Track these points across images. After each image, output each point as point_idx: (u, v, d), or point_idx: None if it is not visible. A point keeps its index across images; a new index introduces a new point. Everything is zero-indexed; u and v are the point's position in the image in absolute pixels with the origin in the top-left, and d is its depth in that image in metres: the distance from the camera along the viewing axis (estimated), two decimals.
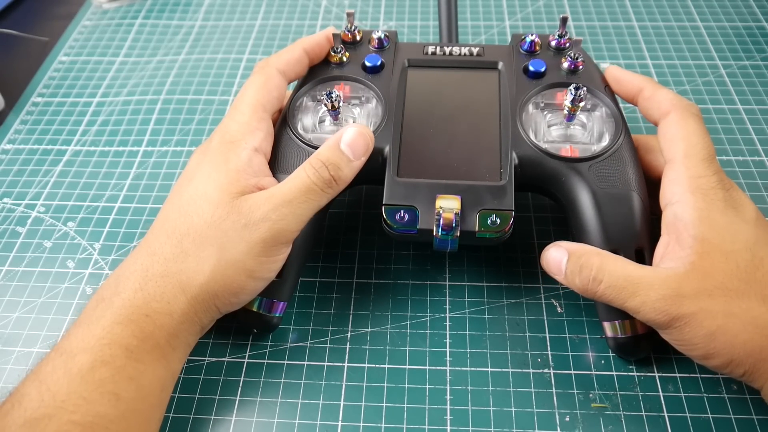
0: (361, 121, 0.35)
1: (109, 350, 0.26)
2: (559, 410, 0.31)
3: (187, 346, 0.29)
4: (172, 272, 0.28)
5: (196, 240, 0.29)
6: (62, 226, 0.40)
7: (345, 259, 0.38)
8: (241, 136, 0.32)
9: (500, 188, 0.31)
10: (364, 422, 0.31)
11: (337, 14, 0.56)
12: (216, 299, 0.29)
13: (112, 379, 0.26)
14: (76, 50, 0.54)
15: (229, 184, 0.30)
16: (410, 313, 0.35)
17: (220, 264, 0.29)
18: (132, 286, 0.28)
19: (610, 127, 0.34)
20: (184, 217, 0.30)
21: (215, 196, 0.30)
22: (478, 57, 0.37)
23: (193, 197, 0.30)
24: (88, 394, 0.25)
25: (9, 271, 0.38)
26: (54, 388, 0.25)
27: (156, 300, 0.28)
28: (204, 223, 0.29)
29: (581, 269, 0.29)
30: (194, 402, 0.32)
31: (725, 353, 0.27)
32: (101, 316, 0.27)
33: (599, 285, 0.28)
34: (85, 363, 0.25)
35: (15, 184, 0.43)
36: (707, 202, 0.29)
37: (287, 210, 0.29)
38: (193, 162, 0.32)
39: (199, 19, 0.56)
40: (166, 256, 0.29)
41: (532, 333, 0.34)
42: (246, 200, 0.30)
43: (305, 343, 0.34)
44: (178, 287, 0.28)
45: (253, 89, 0.33)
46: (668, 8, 0.55)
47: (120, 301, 0.28)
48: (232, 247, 0.29)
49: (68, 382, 0.25)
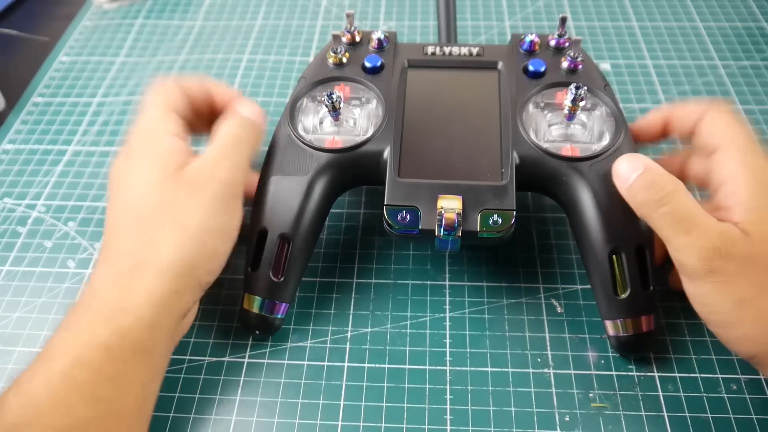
0: (361, 121, 0.35)
1: (87, 351, 0.26)
2: (559, 410, 0.31)
3: (169, 336, 0.29)
4: (142, 260, 0.28)
5: (154, 222, 0.29)
6: (63, 226, 0.40)
7: (345, 259, 0.38)
8: (155, 127, 0.32)
9: (501, 188, 0.31)
10: (364, 422, 0.31)
11: (337, 14, 0.56)
12: (194, 270, 0.29)
13: (91, 380, 0.25)
14: (76, 50, 0.54)
15: (163, 165, 0.30)
16: (410, 312, 0.35)
17: (187, 234, 0.29)
18: (107, 284, 0.28)
19: (610, 127, 0.34)
20: (134, 208, 0.30)
21: (155, 177, 0.30)
22: (478, 57, 0.38)
23: (135, 188, 0.30)
24: (67, 397, 0.25)
25: (9, 271, 0.38)
26: (31, 393, 0.25)
27: (133, 291, 0.27)
28: (155, 204, 0.29)
29: (651, 186, 0.28)
30: (194, 402, 0.32)
31: (746, 326, 0.27)
32: (80, 319, 0.27)
33: (661, 208, 0.28)
34: (63, 366, 0.25)
35: (15, 184, 0.43)
36: (760, 179, 0.28)
37: (227, 162, 0.31)
38: (120, 166, 0.32)
39: (199, 20, 0.56)
40: (132, 248, 0.29)
41: (531, 333, 0.34)
42: (187, 171, 0.30)
43: (305, 343, 0.34)
44: (154, 272, 0.28)
45: (153, 98, 0.34)
46: (668, 8, 0.56)
47: (96, 303, 0.27)
48: (191, 214, 0.29)
49: (46, 386, 0.25)
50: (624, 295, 0.31)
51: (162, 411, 0.31)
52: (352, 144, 0.34)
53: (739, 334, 0.27)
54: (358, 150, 0.33)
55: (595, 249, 0.31)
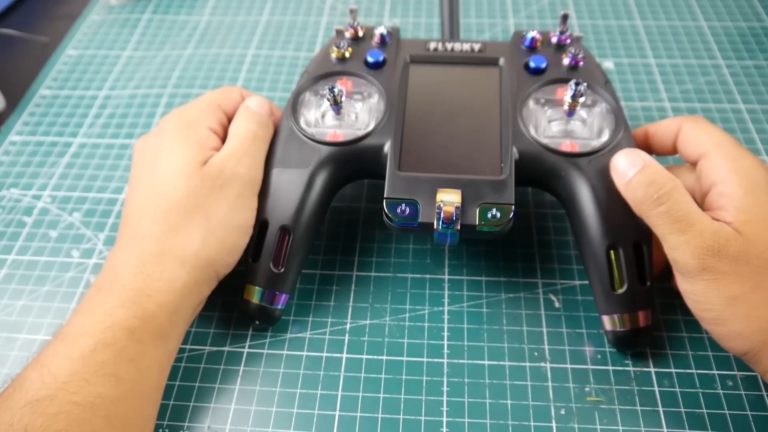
0: (363, 115, 0.36)
1: (111, 333, 0.27)
2: (555, 403, 0.31)
3: (185, 322, 0.30)
4: (167, 249, 0.29)
5: (180, 213, 0.30)
6: (68, 217, 0.41)
7: (345, 251, 0.38)
8: (197, 118, 0.33)
9: (501, 182, 0.32)
10: (362, 412, 0.31)
11: (342, 11, 0.57)
12: (215, 263, 0.31)
13: (113, 361, 0.26)
14: (84, 44, 0.55)
15: (194, 156, 0.31)
16: (409, 306, 0.35)
17: (210, 227, 0.30)
18: (131, 271, 0.29)
19: (609, 123, 0.34)
20: (161, 195, 0.30)
21: (185, 168, 0.31)
22: (480, 53, 0.38)
23: (164, 175, 0.31)
24: (89, 375, 0.25)
25: (15, 260, 0.39)
26: (55, 371, 0.25)
27: (156, 279, 0.29)
28: (183, 195, 0.30)
29: (650, 184, 0.29)
30: (194, 390, 0.32)
31: (738, 323, 0.27)
32: (103, 302, 0.28)
33: (659, 206, 0.28)
34: (86, 346, 0.26)
35: (22, 174, 0.44)
36: (750, 180, 0.29)
37: (248, 160, 0.32)
38: (150, 145, 0.33)
39: (205, 15, 0.57)
40: (157, 236, 0.30)
41: (529, 327, 0.34)
42: (212, 164, 0.31)
43: (305, 334, 0.34)
44: (177, 262, 0.29)
45: (211, 94, 0.36)
46: (672, 7, 0.56)
47: (120, 287, 0.28)
48: (216, 208, 0.31)
49: (69, 364, 0.26)
50: (621, 290, 0.31)
51: (163, 399, 0.31)
52: (353, 137, 0.34)
53: (732, 331, 0.27)
54: (359, 143, 0.34)
55: (593, 244, 0.31)
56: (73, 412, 0.24)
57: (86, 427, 0.24)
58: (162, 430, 0.31)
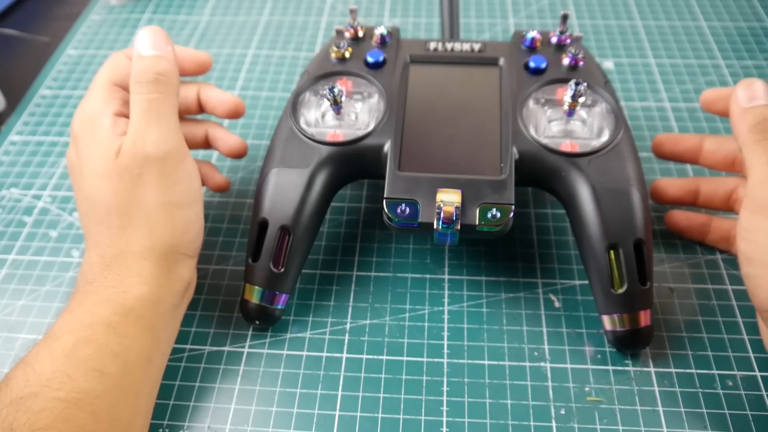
0: (363, 115, 0.36)
1: (91, 329, 0.27)
2: (555, 403, 0.31)
3: (174, 308, 0.30)
4: (123, 248, 0.30)
5: (117, 214, 0.30)
6: (68, 216, 0.41)
7: (345, 251, 0.38)
8: (96, 110, 0.31)
9: (501, 182, 0.32)
10: (362, 412, 0.31)
11: (342, 11, 0.57)
12: (175, 246, 0.30)
13: (96, 356, 0.26)
14: (84, 44, 0.55)
15: (105, 152, 0.30)
16: (409, 305, 0.35)
17: (151, 215, 0.30)
18: (100, 273, 0.29)
19: (609, 123, 0.34)
20: (95, 203, 0.30)
21: (102, 168, 0.30)
22: (480, 53, 0.38)
23: (89, 182, 0.30)
24: (72, 371, 0.26)
25: (15, 260, 0.39)
26: (39, 369, 0.26)
27: (126, 276, 0.29)
28: (110, 196, 0.30)
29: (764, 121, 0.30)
30: (194, 390, 0.32)
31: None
32: (81, 302, 0.28)
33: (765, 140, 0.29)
34: (67, 343, 0.26)
35: (22, 174, 0.44)
36: None
37: (156, 134, 0.30)
38: (72, 156, 0.32)
39: (205, 15, 0.57)
40: (110, 239, 0.30)
41: (529, 327, 0.34)
42: (122, 156, 0.30)
43: (305, 334, 0.34)
44: (138, 257, 0.29)
45: (100, 74, 0.33)
46: (672, 7, 0.56)
47: (94, 288, 0.29)
48: (146, 195, 0.30)
49: (52, 362, 0.26)
50: (621, 290, 0.31)
51: (162, 398, 0.32)
52: (353, 137, 0.34)
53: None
54: (359, 143, 0.34)
55: (593, 244, 0.31)
56: (57, 408, 0.24)
57: (71, 423, 0.24)
58: (162, 429, 0.31)
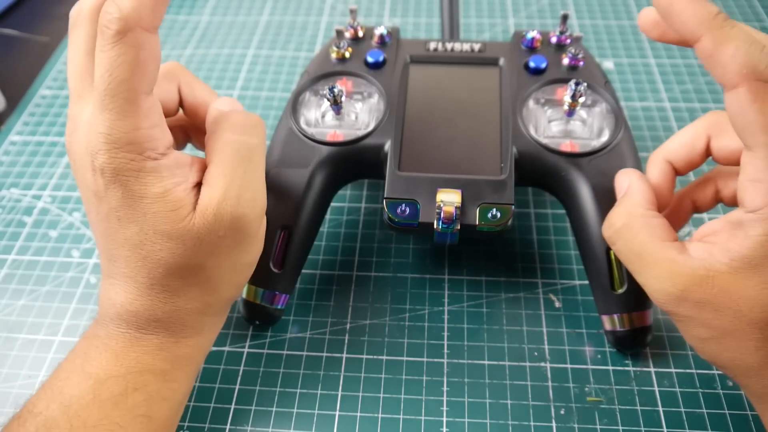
0: (363, 115, 0.36)
1: (141, 377, 0.26)
2: (555, 403, 0.31)
3: (214, 333, 0.30)
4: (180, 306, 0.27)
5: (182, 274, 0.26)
6: (68, 216, 0.41)
7: (345, 251, 0.38)
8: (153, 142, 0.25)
9: (500, 182, 0.32)
10: (362, 412, 0.31)
11: (342, 11, 0.57)
12: (229, 300, 0.30)
13: (145, 403, 0.26)
14: None
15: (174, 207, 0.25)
16: (409, 305, 0.35)
17: (223, 277, 0.28)
18: (147, 324, 0.26)
19: (609, 123, 0.34)
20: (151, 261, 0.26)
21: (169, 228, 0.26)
22: (480, 53, 0.38)
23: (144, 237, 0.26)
24: (121, 419, 0.25)
25: (15, 260, 0.39)
26: (84, 415, 0.24)
27: (180, 329, 0.27)
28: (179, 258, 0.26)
29: (607, 223, 0.29)
30: (194, 390, 0.32)
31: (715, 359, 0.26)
32: (128, 347, 0.26)
33: (614, 245, 0.28)
34: (116, 389, 0.25)
35: (22, 174, 0.44)
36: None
37: (251, 191, 0.27)
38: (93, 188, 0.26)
39: (205, 15, 0.57)
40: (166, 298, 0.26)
41: (529, 327, 0.34)
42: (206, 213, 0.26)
43: (305, 334, 0.34)
44: (196, 313, 0.27)
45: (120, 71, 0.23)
46: None
47: (144, 336, 0.26)
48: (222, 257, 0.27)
49: (99, 408, 0.25)
50: (621, 290, 0.31)
51: None
52: (353, 137, 0.34)
53: (714, 361, 0.26)
54: (359, 143, 0.34)
55: (593, 244, 0.31)
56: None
57: None
58: None
